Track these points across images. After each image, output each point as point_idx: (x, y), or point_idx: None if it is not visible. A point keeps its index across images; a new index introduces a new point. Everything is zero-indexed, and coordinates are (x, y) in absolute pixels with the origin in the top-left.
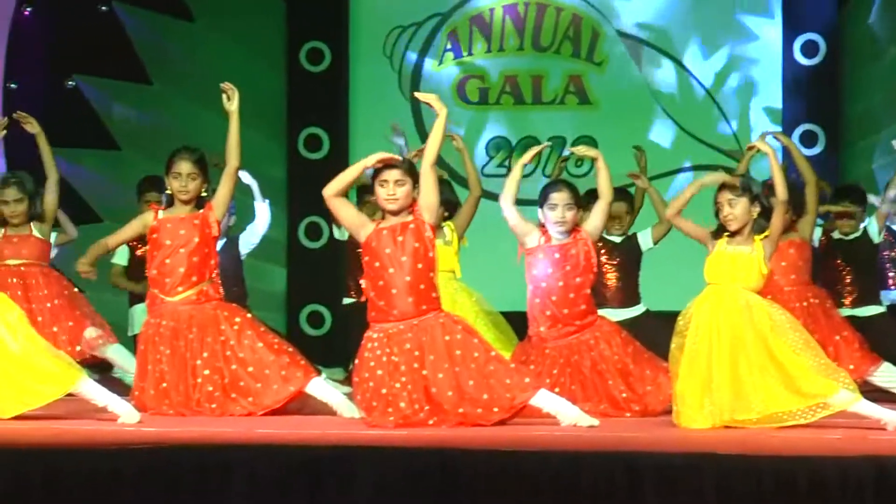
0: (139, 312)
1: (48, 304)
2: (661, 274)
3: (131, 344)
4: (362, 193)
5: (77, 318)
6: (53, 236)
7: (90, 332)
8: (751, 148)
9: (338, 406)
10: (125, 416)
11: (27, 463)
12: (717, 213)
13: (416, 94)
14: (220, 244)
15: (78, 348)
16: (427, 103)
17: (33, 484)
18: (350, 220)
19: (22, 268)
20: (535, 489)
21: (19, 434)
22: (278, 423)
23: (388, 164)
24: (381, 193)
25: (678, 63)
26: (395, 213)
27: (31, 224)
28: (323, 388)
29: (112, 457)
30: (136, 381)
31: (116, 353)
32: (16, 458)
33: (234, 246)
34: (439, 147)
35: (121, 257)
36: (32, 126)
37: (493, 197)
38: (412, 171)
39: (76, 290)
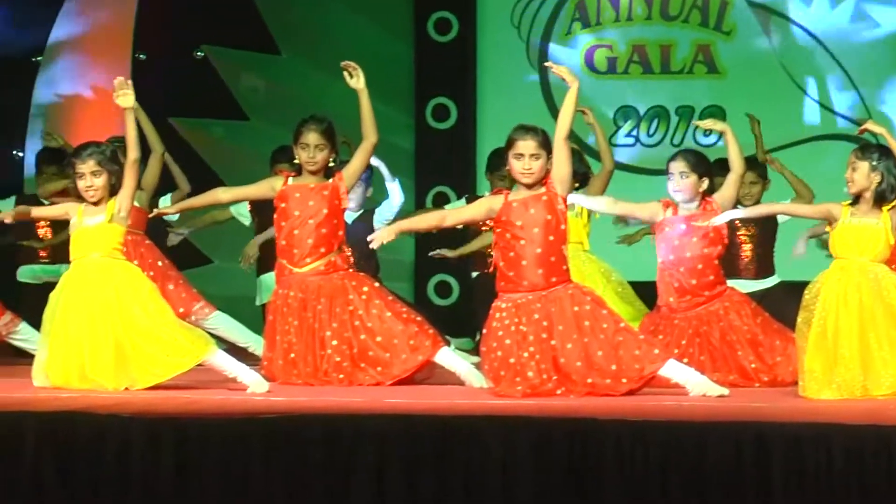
0: (266, 282)
1: (149, 273)
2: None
3: (259, 313)
4: (494, 168)
5: (171, 289)
6: (167, 200)
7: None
8: (862, 131)
9: (466, 376)
10: (254, 386)
11: (160, 432)
12: None
13: (548, 65)
14: (355, 215)
15: (192, 318)
16: (559, 75)
17: (165, 452)
18: (476, 218)
19: (129, 236)
20: (664, 459)
21: (152, 404)
22: (406, 392)
23: (524, 138)
24: (518, 167)
25: (806, 31)
26: (529, 187)
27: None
28: (451, 357)
29: (241, 426)
30: (264, 351)
31: (220, 322)
32: (149, 427)
33: (368, 218)
34: (571, 120)
35: None
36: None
37: (621, 167)
38: (547, 144)
39: (167, 260)
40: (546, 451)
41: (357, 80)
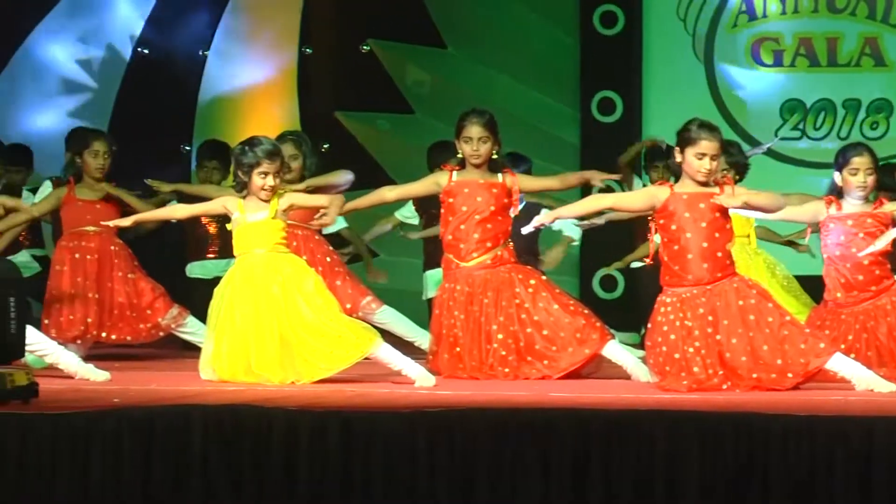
0: (433, 277)
1: (317, 268)
2: None
3: (426, 308)
4: (651, 160)
5: (339, 284)
6: None
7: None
8: None
9: (632, 370)
10: (420, 380)
11: (326, 425)
12: None
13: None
14: (518, 208)
15: (360, 313)
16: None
17: (330, 445)
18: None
19: (298, 231)
20: (830, 454)
21: (318, 397)
22: (573, 386)
23: (709, 138)
24: (697, 165)
25: None
26: (703, 184)
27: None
28: (618, 351)
29: (407, 419)
30: (430, 345)
31: (387, 316)
32: (315, 421)
33: (535, 211)
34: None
35: None
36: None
37: (787, 160)
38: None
39: (336, 255)
40: (712, 445)
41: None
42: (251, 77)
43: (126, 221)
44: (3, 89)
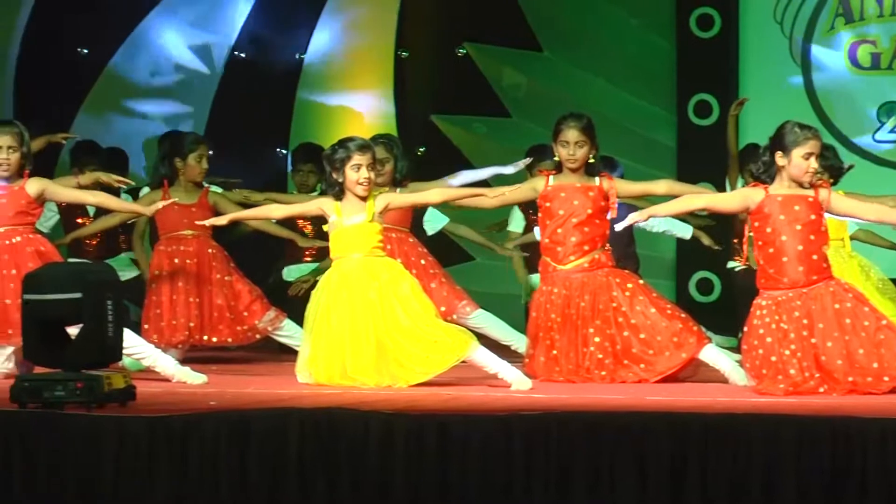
0: (532, 282)
1: (412, 271)
2: None
3: (523, 311)
4: (746, 161)
5: (434, 287)
6: None
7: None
8: None
9: (730, 373)
10: (516, 383)
11: (422, 428)
12: None
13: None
14: (616, 212)
15: (455, 316)
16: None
17: (427, 449)
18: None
19: (393, 234)
20: None
21: (414, 400)
22: (669, 389)
23: (814, 137)
24: (805, 166)
25: None
26: (802, 186)
27: (399, 189)
28: (715, 354)
29: (503, 422)
30: (527, 348)
31: (484, 320)
32: (412, 424)
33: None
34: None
35: None
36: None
37: (884, 163)
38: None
39: (431, 257)
40: (808, 449)
41: None
42: (347, 80)
43: (222, 220)
44: (117, 70)
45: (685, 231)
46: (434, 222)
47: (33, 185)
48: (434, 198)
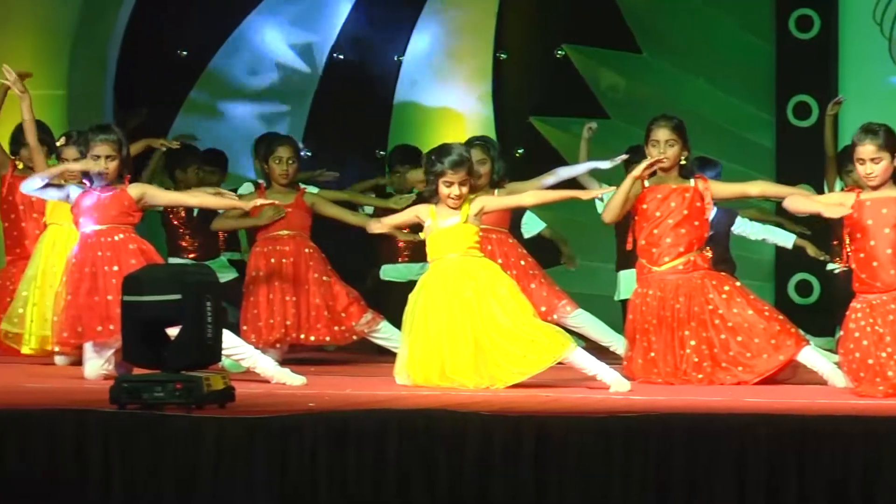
0: (626, 278)
1: (511, 271)
2: None
3: (619, 309)
4: (844, 164)
5: (533, 287)
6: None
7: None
8: None
9: (829, 375)
10: (615, 385)
11: (521, 429)
12: None
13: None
14: (712, 214)
15: (555, 316)
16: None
17: (525, 450)
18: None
19: (492, 235)
20: None
21: (512, 401)
22: (768, 392)
23: (864, 143)
24: (861, 171)
25: None
26: (875, 188)
27: (496, 190)
28: (813, 356)
29: (602, 424)
30: (626, 350)
31: (583, 320)
32: (510, 425)
33: (730, 217)
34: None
35: None
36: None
37: None
38: (889, 146)
39: (531, 258)
40: None
41: None
42: (446, 82)
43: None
44: (216, 71)
45: (786, 240)
46: (531, 227)
47: (134, 190)
48: (529, 200)
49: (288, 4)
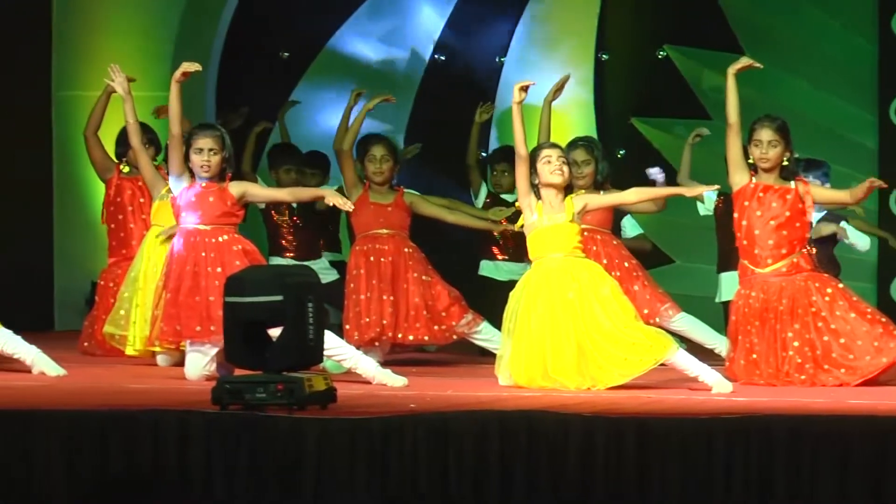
0: (726, 279)
1: (614, 273)
2: None
3: (720, 311)
4: None
5: (636, 289)
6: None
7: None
8: None
9: None
10: (717, 387)
11: (622, 430)
12: None
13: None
14: (817, 217)
15: (657, 318)
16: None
17: (627, 451)
18: None
19: (597, 235)
20: None
21: (615, 402)
22: (871, 393)
23: None
24: None
25: None
26: None
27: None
28: None
29: (703, 426)
30: (728, 351)
31: (686, 323)
32: (612, 426)
33: (833, 220)
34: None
35: None
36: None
37: None
38: None
39: (635, 260)
40: None
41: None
42: (547, 83)
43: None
44: (320, 68)
45: (864, 243)
46: (629, 230)
47: (235, 188)
48: (631, 197)
49: (390, 5)
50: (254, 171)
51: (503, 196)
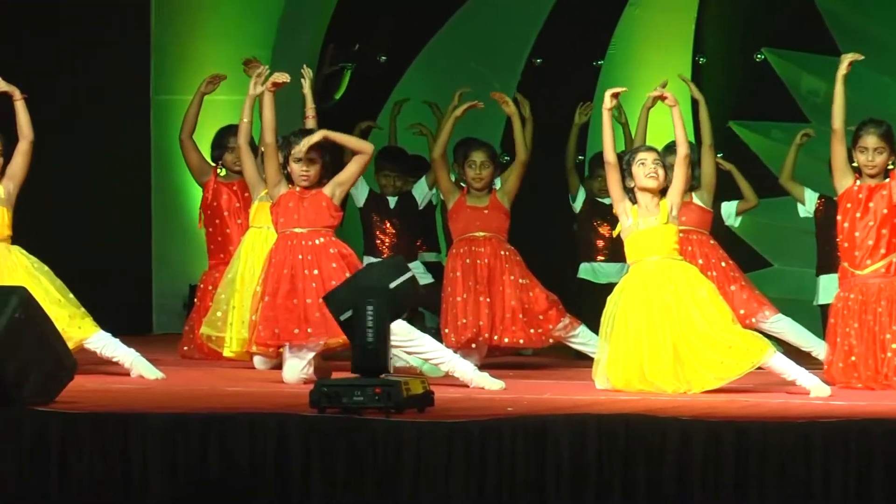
0: (825, 283)
1: (711, 273)
2: None
3: (817, 314)
4: None
5: (733, 290)
6: None
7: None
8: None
9: None
10: (815, 390)
11: (720, 434)
12: None
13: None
14: None
15: (754, 320)
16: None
17: (725, 456)
18: None
19: (693, 236)
20: None
21: (712, 406)
22: None
23: None
24: None
25: None
26: None
27: (695, 193)
28: None
29: (802, 430)
30: (826, 354)
31: (783, 325)
32: (710, 431)
33: None
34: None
35: None
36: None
37: None
38: None
39: (732, 261)
40: None
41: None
42: (644, 86)
43: None
44: (417, 72)
45: None
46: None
47: (328, 189)
48: (680, 174)
49: (486, 9)
50: None
51: (601, 200)
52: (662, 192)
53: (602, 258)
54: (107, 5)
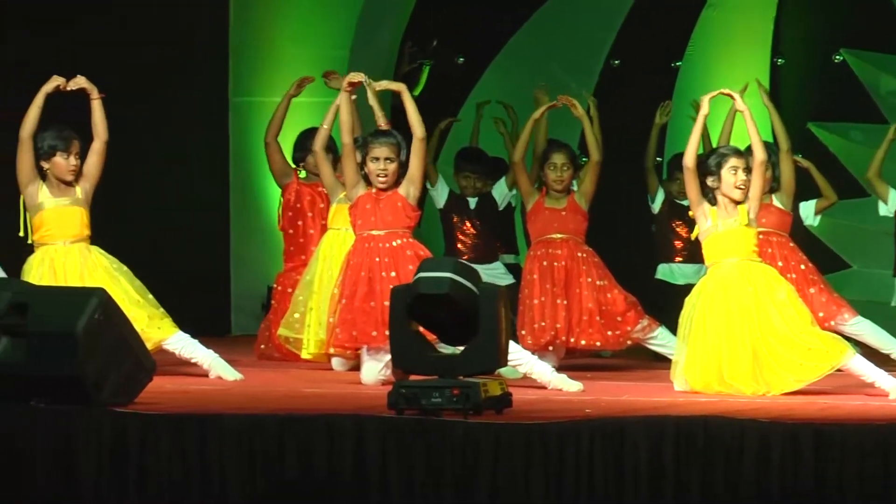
0: None
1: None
2: None
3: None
4: None
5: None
6: None
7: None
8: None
9: None
10: (894, 392)
11: (798, 436)
12: None
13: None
14: None
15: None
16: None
17: (803, 458)
18: None
19: (773, 238)
20: None
21: (790, 408)
22: None
23: None
24: None
25: None
26: None
27: (774, 195)
28: None
29: (881, 432)
30: None
31: (862, 327)
32: (788, 433)
33: None
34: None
35: None
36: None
37: None
38: None
39: (811, 263)
40: None
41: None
42: (722, 87)
43: None
44: (495, 73)
45: None
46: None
47: (402, 188)
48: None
49: (564, 11)
50: (433, 163)
51: (679, 201)
52: None
53: (680, 259)
54: (186, 7)
